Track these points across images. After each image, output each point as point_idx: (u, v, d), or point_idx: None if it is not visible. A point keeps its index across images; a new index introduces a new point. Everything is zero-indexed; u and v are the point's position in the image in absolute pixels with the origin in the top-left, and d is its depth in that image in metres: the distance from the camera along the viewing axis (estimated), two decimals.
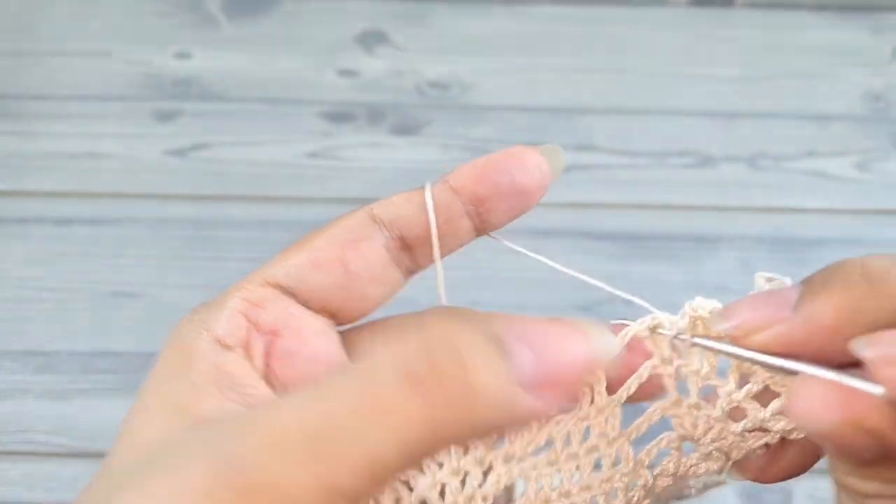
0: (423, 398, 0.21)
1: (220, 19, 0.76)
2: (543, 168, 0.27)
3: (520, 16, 0.77)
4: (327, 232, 0.27)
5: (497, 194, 0.27)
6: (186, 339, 0.26)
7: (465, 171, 0.28)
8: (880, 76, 0.74)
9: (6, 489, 0.57)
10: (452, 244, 0.28)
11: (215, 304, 0.27)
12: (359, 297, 0.27)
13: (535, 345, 0.22)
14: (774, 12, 0.77)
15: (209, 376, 0.25)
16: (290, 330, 0.26)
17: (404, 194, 0.28)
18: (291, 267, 0.27)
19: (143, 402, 0.25)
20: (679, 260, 0.66)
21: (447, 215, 0.27)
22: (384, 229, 0.27)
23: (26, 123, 0.71)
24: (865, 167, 0.70)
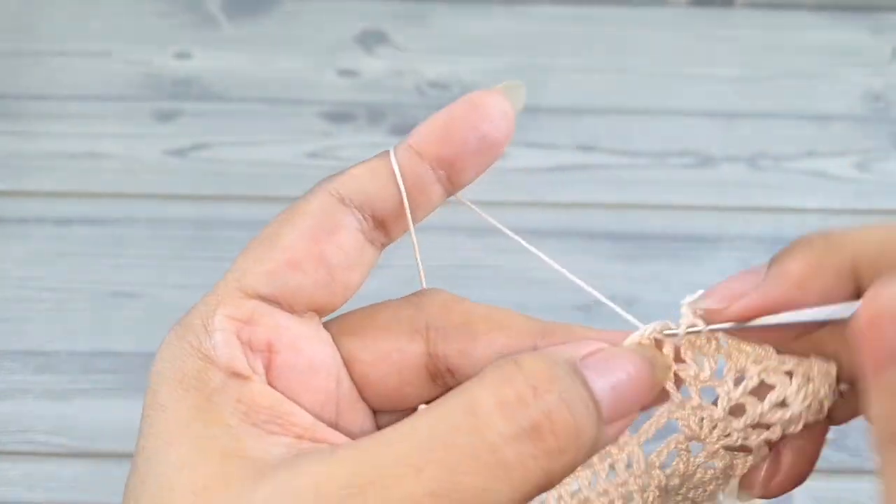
0: (542, 452, 0.21)
1: (220, 19, 0.76)
2: (508, 112, 0.26)
3: (520, 16, 0.77)
4: (295, 225, 0.26)
5: (464, 152, 0.26)
6: (189, 373, 0.24)
7: (427, 132, 0.26)
8: (880, 76, 0.74)
9: (6, 489, 0.57)
10: (425, 211, 0.27)
11: (200, 326, 0.24)
12: (342, 287, 0.26)
13: (611, 378, 0.23)
14: (774, 12, 0.77)
15: (240, 414, 0.23)
16: (284, 344, 0.25)
17: (365, 166, 0.26)
18: (269, 273, 0.25)
19: (173, 449, 0.23)
20: (679, 260, 0.66)
21: (417, 184, 0.26)
22: (355, 211, 0.26)
23: (26, 123, 0.71)
24: (865, 167, 0.70)
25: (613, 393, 0.23)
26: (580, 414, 0.22)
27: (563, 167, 0.70)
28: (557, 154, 0.70)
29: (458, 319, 0.27)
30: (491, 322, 0.27)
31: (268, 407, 0.24)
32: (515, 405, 0.21)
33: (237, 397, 0.23)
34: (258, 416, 0.23)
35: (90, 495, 0.57)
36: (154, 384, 0.24)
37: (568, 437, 0.21)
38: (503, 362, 0.22)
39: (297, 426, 0.24)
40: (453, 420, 0.21)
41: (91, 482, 0.58)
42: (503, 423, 0.21)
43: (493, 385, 0.22)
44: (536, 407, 0.21)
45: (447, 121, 0.26)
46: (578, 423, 0.22)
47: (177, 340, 0.25)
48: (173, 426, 0.23)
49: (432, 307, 0.27)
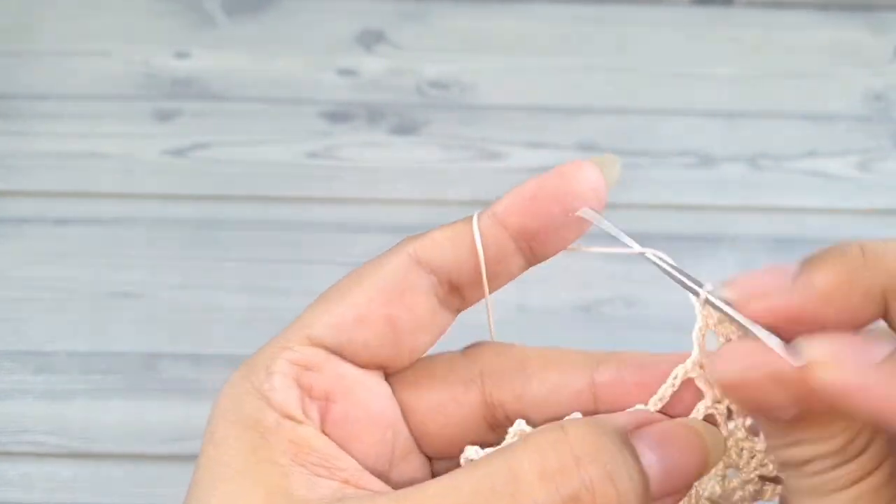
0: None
1: (219, 19, 0.76)
2: (600, 189, 0.26)
3: (520, 15, 0.76)
4: (369, 282, 0.25)
5: (550, 226, 0.26)
6: (248, 412, 0.24)
7: (513, 203, 0.25)
8: (881, 76, 0.74)
9: (5, 489, 0.57)
10: (503, 281, 0.26)
11: (262, 368, 0.25)
12: (409, 348, 0.26)
13: (662, 453, 0.23)
14: (775, 11, 0.77)
15: (290, 454, 0.23)
16: (342, 393, 0.25)
17: (448, 231, 0.26)
18: (335, 326, 0.25)
19: (224, 484, 0.23)
20: (679, 260, 0.65)
21: (498, 254, 0.26)
22: (431, 276, 0.26)
23: (26, 123, 0.71)
24: (866, 167, 0.70)
25: (664, 468, 0.23)
26: (625, 487, 0.21)
27: None
28: (557, 154, 0.70)
29: (511, 364, 0.27)
30: (543, 360, 0.27)
31: (318, 450, 0.24)
32: (557, 474, 0.21)
33: (290, 438, 0.24)
34: (308, 457, 0.24)
35: (89, 496, 0.57)
36: (213, 420, 0.25)
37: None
38: (549, 428, 0.22)
39: (345, 471, 0.24)
40: (494, 483, 0.21)
41: (90, 482, 0.58)
42: (542, 492, 0.21)
43: (536, 450, 0.22)
44: (578, 478, 0.21)
45: (535, 191, 0.25)
46: (622, 498, 0.21)
47: (239, 380, 0.25)
48: (226, 461, 0.23)
49: (485, 356, 0.27)
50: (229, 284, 0.64)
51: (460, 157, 0.70)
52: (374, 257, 0.27)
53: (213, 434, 0.24)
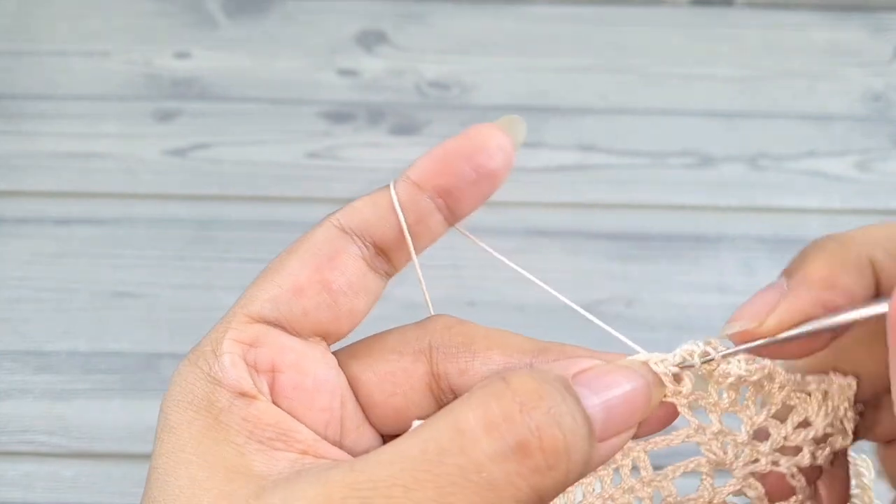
0: (529, 470, 0.21)
1: (219, 19, 0.76)
2: (506, 146, 0.27)
3: (520, 16, 0.77)
4: (299, 254, 0.27)
5: (462, 183, 0.27)
6: (199, 395, 0.25)
7: (425, 165, 0.27)
8: (880, 76, 0.74)
9: (6, 489, 0.57)
10: (426, 241, 0.27)
11: (210, 352, 0.25)
12: (347, 312, 0.27)
13: (604, 395, 0.23)
14: (774, 12, 0.77)
15: (245, 432, 0.24)
16: (288, 364, 0.26)
17: (367, 198, 0.27)
18: (273, 299, 0.26)
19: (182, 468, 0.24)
20: (679, 260, 0.66)
21: (417, 214, 0.27)
22: (356, 239, 0.27)
23: (26, 123, 0.71)
24: (866, 167, 0.70)
25: (606, 409, 0.23)
26: (570, 430, 0.22)
27: (563, 167, 0.70)
28: (557, 154, 0.70)
29: (460, 339, 0.27)
30: (489, 341, 0.27)
31: (272, 424, 0.24)
32: (501, 423, 0.21)
33: (243, 416, 0.24)
34: (263, 433, 0.24)
35: (90, 495, 0.57)
36: (165, 408, 0.25)
37: (557, 454, 0.21)
38: (491, 380, 0.23)
39: (301, 443, 0.24)
40: (441, 440, 0.21)
41: (91, 482, 0.58)
42: (489, 442, 0.21)
43: (479, 403, 0.22)
44: (523, 424, 0.21)
45: (444, 152, 0.27)
46: (568, 439, 0.22)
47: (188, 366, 0.25)
48: (183, 445, 0.24)
49: (436, 329, 0.28)
50: (229, 284, 0.64)
51: None
52: None
53: (168, 420, 0.25)
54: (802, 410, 0.26)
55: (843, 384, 0.26)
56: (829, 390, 0.26)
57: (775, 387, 0.26)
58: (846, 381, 0.26)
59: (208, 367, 0.25)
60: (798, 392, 0.26)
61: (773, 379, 0.25)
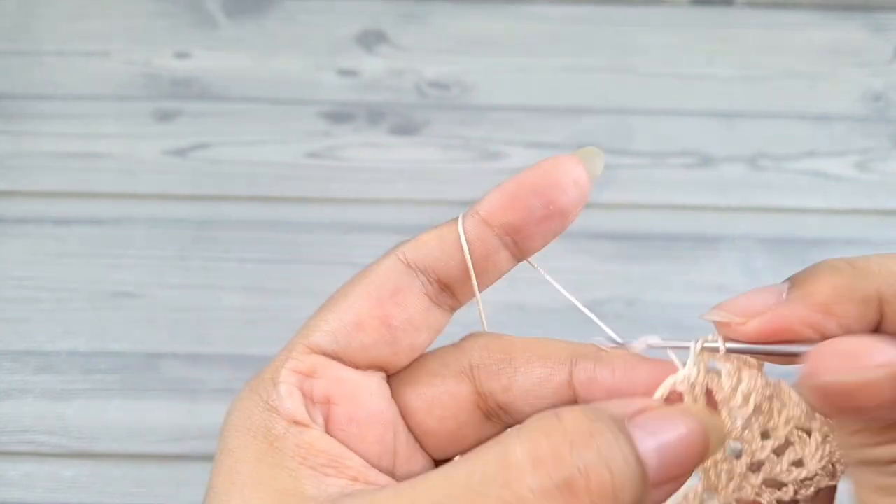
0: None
1: (219, 19, 0.76)
2: (581, 181, 0.26)
3: (520, 16, 0.76)
4: (362, 286, 0.26)
5: (532, 220, 0.26)
6: (256, 421, 0.25)
7: (494, 199, 0.26)
8: (880, 76, 0.74)
9: (6, 489, 0.57)
10: (493, 277, 0.27)
11: (269, 380, 0.26)
12: (406, 348, 0.27)
13: (660, 438, 0.23)
14: (774, 12, 0.77)
15: (298, 458, 0.24)
16: (344, 396, 0.26)
17: (435, 232, 0.27)
18: (333, 332, 0.26)
19: (237, 490, 0.24)
20: (679, 260, 0.66)
21: (484, 251, 0.26)
22: (420, 275, 0.26)
23: (26, 123, 0.71)
24: (866, 167, 0.70)
25: (661, 454, 0.22)
26: (620, 472, 0.21)
27: None
28: (557, 154, 0.70)
29: (499, 355, 0.27)
30: (529, 353, 0.27)
31: (324, 451, 0.25)
32: (549, 459, 0.21)
33: (297, 442, 0.25)
34: (315, 459, 0.25)
35: (90, 495, 0.57)
36: (225, 433, 0.26)
37: (604, 496, 0.21)
38: (544, 415, 0.22)
39: (352, 469, 0.25)
40: (487, 470, 0.21)
41: (91, 482, 0.58)
42: (535, 478, 0.21)
43: (529, 438, 0.22)
44: (572, 462, 0.21)
45: (516, 187, 0.26)
46: (617, 481, 0.21)
47: (248, 393, 0.26)
48: (239, 468, 0.24)
49: (475, 348, 0.28)
50: (229, 284, 0.64)
51: (460, 157, 0.70)
52: (371, 261, 0.27)
53: (226, 444, 0.25)
54: (800, 450, 0.26)
55: None
56: (829, 434, 0.25)
57: (781, 420, 0.25)
58: None
59: (267, 394, 0.25)
60: (800, 430, 0.26)
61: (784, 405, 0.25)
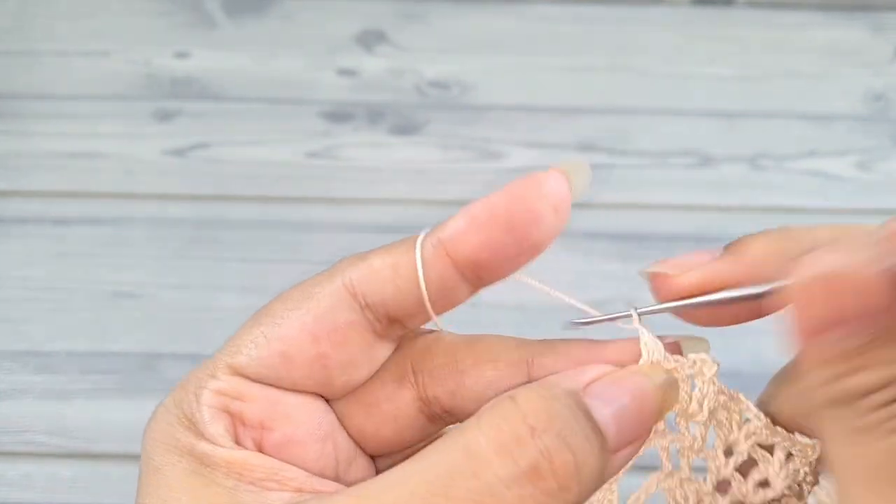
0: (542, 493, 0.21)
1: (219, 18, 0.76)
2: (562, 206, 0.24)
3: (520, 16, 0.76)
4: (298, 314, 0.24)
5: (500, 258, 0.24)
6: (183, 442, 0.23)
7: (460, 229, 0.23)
8: (881, 76, 0.74)
9: (5, 490, 0.57)
10: (446, 307, 0.25)
11: (192, 396, 0.24)
12: (341, 385, 0.25)
13: (616, 404, 0.23)
14: (775, 11, 0.77)
15: (234, 476, 0.23)
16: (277, 420, 0.24)
17: (388, 259, 0.24)
18: (260, 359, 0.24)
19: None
20: None
21: (441, 286, 0.24)
22: (367, 312, 0.24)
23: (25, 123, 0.71)
24: (867, 167, 0.70)
25: (619, 419, 0.22)
26: (581, 449, 0.21)
27: None
28: (557, 154, 0.70)
29: (443, 359, 0.26)
30: (476, 355, 0.26)
31: (260, 465, 0.23)
32: (513, 446, 0.21)
33: (228, 460, 0.23)
34: (252, 475, 0.23)
35: (89, 496, 0.57)
36: (148, 447, 0.24)
37: (568, 475, 0.21)
38: (500, 401, 0.22)
39: (295, 480, 0.24)
40: (452, 463, 0.21)
41: (90, 483, 0.58)
42: (501, 465, 0.21)
43: (490, 426, 0.21)
44: (534, 447, 0.21)
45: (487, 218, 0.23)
46: (579, 459, 0.21)
47: (172, 407, 0.24)
48: (171, 486, 0.23)
49: (415, 350, 0.26)
50: (229, 284, 0.64)
51: (460, 157, 0.70)
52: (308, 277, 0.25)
53: (151, 460, 0.24)
54: (764, 469, 0.25)
55: (807, 446, 0.25)
56: (792, 451, 0.25)
57: (742, 434, 0.25)
58: (811, 442, 0.25)
59: (190, 412, 0.24)
60: (762, 448, 0.25)
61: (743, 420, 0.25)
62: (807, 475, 0.26)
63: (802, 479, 0.26)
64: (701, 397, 0.25)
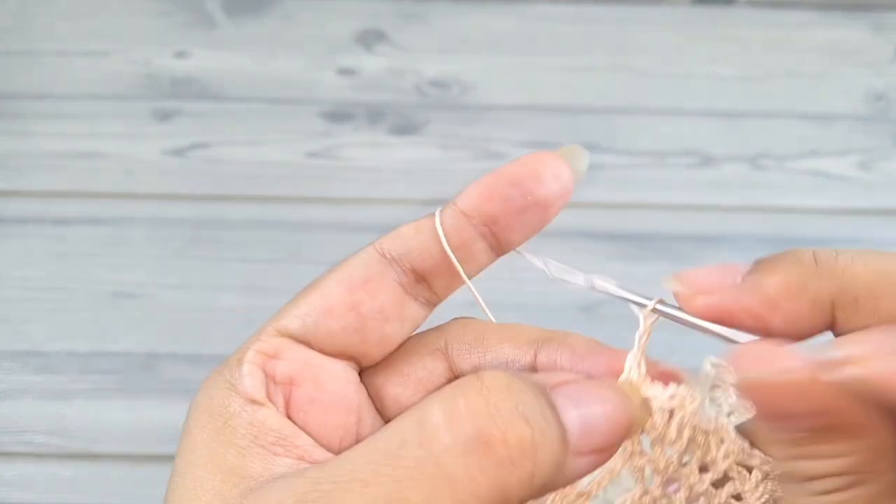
0: (491, 464, 0.21)
1: (219, 18, 0.76)
2: (562, 175, 0.26)
3: (520, 15, 0.76)
4: (335, 275, 0.27)
5: (509, 210, 0.26)
6: (216, 401, 0.25)
7: (473, 190, 0.26)
8: (882, 76, 0.74)
9: (5, 490, 0.57)
10: (471, 269, 0.27)
11: (235, 361, 0.26)
12: (377, 338, 0.27)
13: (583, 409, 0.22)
14: (776, 11, 0.77)
15: (250, 437, 0.24)
16: (306, 378, 0.26)
17: (412, 224, 0.27)
18: (302, 316, 0.26)
19: (191, 469, 0.24)
20: (680, 260, 0.65)
21: (460, 241, 0.26)
22: (394, 264, 0.26)
23: (25, 123, 0.71)
24: (867, 167, 0.70)
25: (584, 423, 0.22)
26: (539, 428, 0.21)
27: None
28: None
29: (472, 336, 0.27)
30: (501, 335, 0.27)
31: (275, 430, 0.25)
32: (465, 416, 0.21)
33: (249, 420, 0.25)
34: (266, 437, 0.24)
35: (89, 496, 0.57)
36: (189, 413, 0.26)
37: (522, 449, 0.21)
38: (466, 377, 0.22)
39: (300, 448, 0.25)
40: (404, 434, 0.21)
41: (90, 483, 0.58)
42: (449, 434, 0.21)
43: (446, 397, 0.22)
44: (488, 416, 0.21)
45: (494, 179, 0.26)
46: (536, 437, 0.21)
47: (215, 374, 0.26)
48: (194, 447, 0.25)
49: (453, 328, 0.28)
50: (229, 284, 0.64)
51: (460, 157, 0.70)
52: None
53: (187, 425, 0.25)
54: (739, 485, 0.25)
55: None
56: (770, 472, 0.25)
57: (720, 454, 0.25)
58: None
59: (230, 374, 0.25)
60: (740, 466, 0.25)
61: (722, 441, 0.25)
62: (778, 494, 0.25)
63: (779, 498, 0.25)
64: (680, 427, 0.25)
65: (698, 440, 0.25)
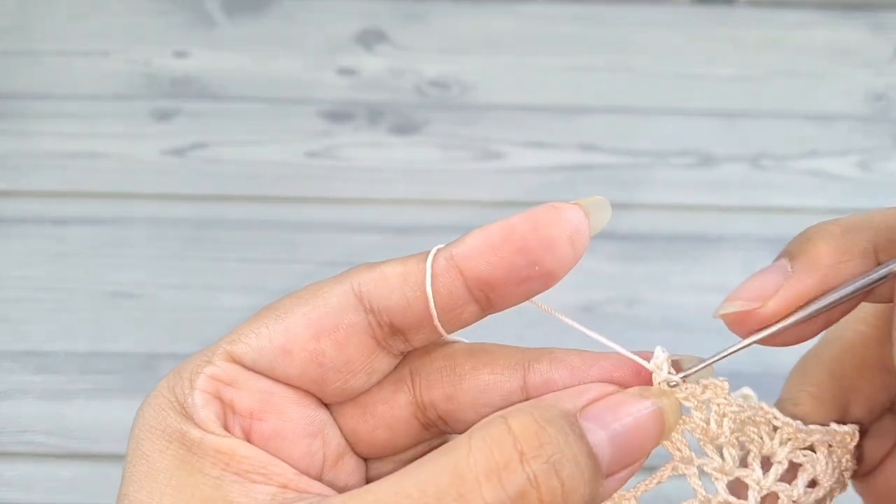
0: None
1: (218, 18, 0.76)
2: (579, 239, 0.24)
3: (520, 15, 0.76)
4: (303, 309, 0.24)
5: (511, 280, 0.23)
6: (172, 425, 0.23)
7: (474, 246, 0.23)
8: (882, 75, 0.74)
9: (4, 490, 0.57)
10: (454, 328, 0.25)
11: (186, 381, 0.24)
12: (336, 390, 0.25)
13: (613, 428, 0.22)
14: (775, 11, 0.77)
15: (221, 465, 0.23)
16: (268, 412, 0.24)
17: (399, 268, 0.24)
18: (259, 349, 0.24)
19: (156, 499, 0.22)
20: (680, 260, 0.65)
21: (450, 303, 0.24)
22: (371, 315, 0.24)
23: (25, 123, 0.71)
24: (867, 167, 0.70)
25: (614, 444, 0.22)
26: (570, 476, 0.21)
27: (563, 167, 0.70)
28: (557, 154, 0.70)
29: (441, 362, 0.26)
30: (475, 359, 0.25)
31: (248, 457, 0.23)
32: (502, 471, 0.21)
33: (216, 448, 0.23)
34: (239, 465, 0.23)
35: (89, 496, 0.57)
36: (137, 432, 0.24)
37: (554, 500, 0.21)
38: (492, 421, 0.22)
39: (281, 476, 0.23)
40: (440, 482, 0.21)
41: (90, 483, 0.58)
42: (489, 490, 0.21)
43: (480, 448, 0.21)
44: (523, 473, 0.21)
45: (501, 238, 0.23)
46: (567, 487, 0.21)
47: (165, 391, 0.24)
48: (156, 475, 0.23)
49: (414, 354, 0.26)
50: (229, 284, 0.64)
51: (460, 157, 0.70)
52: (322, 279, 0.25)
53: (139, 446, 0.23)
54: (811, 469, 0.25)
55: (847, 433, 0.25)
56: (832, 443, 0.24)
57: (776, 443, 0.24)
58: (849, 429, 0.25)
59: (183, 397, 0.24)
60: (803, 448, 0.25)
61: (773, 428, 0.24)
62: (848, 462, 0.25)
63: (844, 468, 0.25)
64: (719, 418, 0.24)
65: (748, 433, 0.24)
